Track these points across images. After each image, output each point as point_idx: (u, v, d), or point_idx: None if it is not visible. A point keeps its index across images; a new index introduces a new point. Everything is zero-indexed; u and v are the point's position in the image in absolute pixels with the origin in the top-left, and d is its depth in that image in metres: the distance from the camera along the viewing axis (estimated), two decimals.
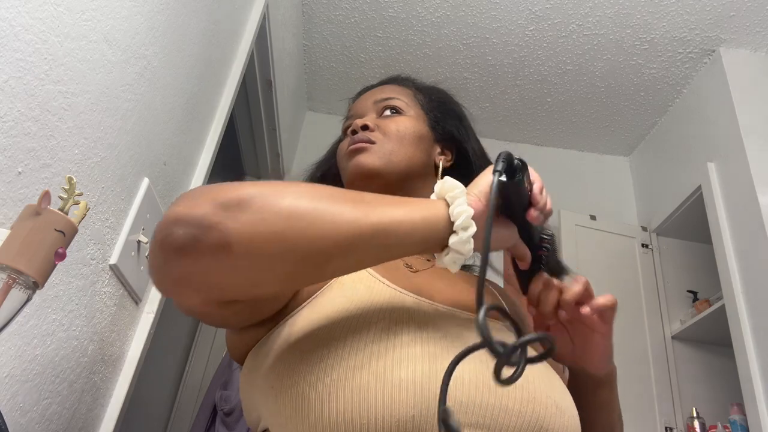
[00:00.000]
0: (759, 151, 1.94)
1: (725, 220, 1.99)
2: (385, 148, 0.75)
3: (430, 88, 0.90)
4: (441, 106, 0.87)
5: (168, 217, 0.47)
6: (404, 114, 0.81)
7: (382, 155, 0.74)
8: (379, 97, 0.83)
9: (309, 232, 0.46)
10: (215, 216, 0.45)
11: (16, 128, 0.62)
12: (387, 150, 0.75)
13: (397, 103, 0.82)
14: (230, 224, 0.45)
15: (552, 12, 2.14)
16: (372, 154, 0.74)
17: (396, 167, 0.74)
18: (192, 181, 1.26)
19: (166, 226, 0.46)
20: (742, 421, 1.87)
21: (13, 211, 0.63)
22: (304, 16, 2.33)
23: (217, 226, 0.45)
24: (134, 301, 1.01)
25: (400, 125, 0.78)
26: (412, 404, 0.48)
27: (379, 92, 0.85)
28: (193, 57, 1.16)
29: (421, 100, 0.85)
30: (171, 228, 0.45)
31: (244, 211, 0.45)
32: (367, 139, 0.76)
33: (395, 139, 0.76)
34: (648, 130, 2.69)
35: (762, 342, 1.72)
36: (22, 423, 0.71)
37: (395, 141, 0.76)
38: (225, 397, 1.63)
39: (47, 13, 0.66)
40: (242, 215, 0.45)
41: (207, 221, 0.45)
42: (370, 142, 0.76)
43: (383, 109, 0.81)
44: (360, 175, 0.74)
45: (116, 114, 0.85)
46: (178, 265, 0.46)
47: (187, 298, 0.51)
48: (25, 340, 0.69)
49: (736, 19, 2.06)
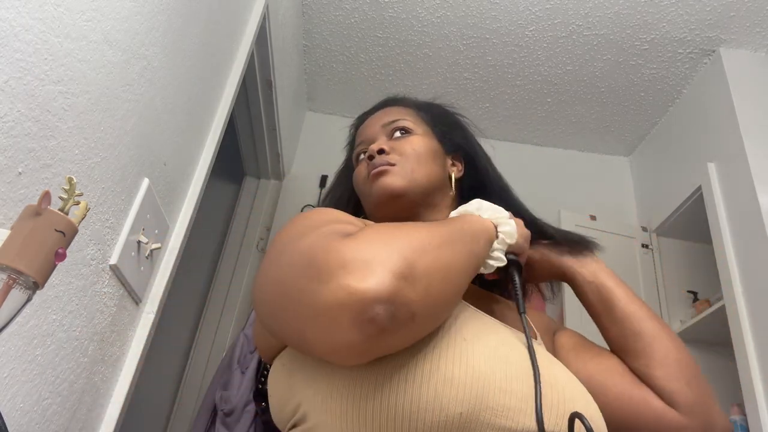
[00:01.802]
0: (759, 151, 1.94)
1: (725, 220, 1.99)
2: (406, 168, 0.78)
3: (429, 104, 0.93)
4: (444, 119, 0.91)
5: (358, 293, 0.47)
6: (414, 133, 0.84)
7: (404, 175, 0.78)
8: (386, 121, 0.86)
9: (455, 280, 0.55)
10: (401, 290, 0.48)
11: (16, 128, 0.62)
12: (408, 169, 0.78)
13: (404, 123, 0.85)
14: (413, 296, 0.49)
15: (552, 12, 2.14)
16: (395, 175, 0.78)
17: (419, 185, 0.78)
18: (192, 181, 1.26)
19: (363, 306, 0.46)
20: (742, 422, 1.87)
21: (13, 212, 0.63)
22: (304, 16, 2.33)
23: (406, 303, 0.48)
24: (134, 301, 1.01)
25: (414, 144, 0.81)
26: (461, 401, 0.51)
27: (384, 116, 0.88)
28: (194, 57, 1.16)
29: (424, 116, 0.88)
30: (371, 308, 0.46)
31: (417, 279, 0.49)
32: (386, 162, 0.79)
33: (413, 159, 0.80)
34: (648, 130, 2.69)
35: (762, 342, 1.72)
36: (22, 423, 0.71)
37: (413, 160, 0.80)
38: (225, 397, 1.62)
39: (47, 13, 0.66)
40: (417, 284, 0.49)
41: (399, 298, 0.48)
42: (390, 164, 0.79)
43: (393, 131, 0.85)
44: (387, 197, 0.78)
45: (116, 114, 0.85)
46: (379, 343, 0.49)
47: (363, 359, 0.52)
48: (25, 341, 0.69)
49: (736, 19, 2.06)
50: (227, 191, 2.54)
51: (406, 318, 0.48)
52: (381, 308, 0.46)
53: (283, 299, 0.52)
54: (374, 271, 0.48)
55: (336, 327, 0.47)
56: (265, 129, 2.22)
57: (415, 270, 0.49)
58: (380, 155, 0.80)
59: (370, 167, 0.80)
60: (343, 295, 0.46)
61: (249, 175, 2.58)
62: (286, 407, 0.60)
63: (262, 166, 2.49)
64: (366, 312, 0.46)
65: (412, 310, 0.49)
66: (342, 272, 0.48)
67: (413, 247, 0.52)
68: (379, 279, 0.47)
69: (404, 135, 0.84)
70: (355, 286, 0.47)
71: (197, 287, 2.28)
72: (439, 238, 0.56)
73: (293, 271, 0.52)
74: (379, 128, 0.86)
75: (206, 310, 2.26)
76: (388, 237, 0.52)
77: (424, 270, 0.50)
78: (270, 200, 2.55)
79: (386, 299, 0.47)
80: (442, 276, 0.53)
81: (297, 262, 0.52)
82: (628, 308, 0.74)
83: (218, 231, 2.44)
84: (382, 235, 0.52)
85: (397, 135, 0.84)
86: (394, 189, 0.76)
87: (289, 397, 0.60)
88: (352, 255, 0.49)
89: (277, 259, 0.57)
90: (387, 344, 0.50)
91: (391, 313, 0.47)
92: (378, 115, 0.89)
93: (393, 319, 0.47)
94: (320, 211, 0.66)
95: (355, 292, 0.46)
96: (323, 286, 0.48)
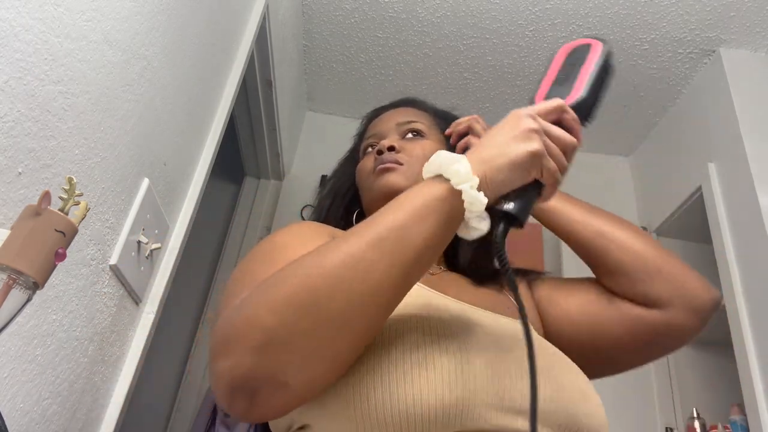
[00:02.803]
0: (759, 151, 1.94)
1: (725, 221, 1.99)
2: (412, 170, 0.78)
3: (446, 113, 0.94)
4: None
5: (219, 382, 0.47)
6: (426, 138, 0.84)
7: (409, 176, 0.78)
8: (401, 120, 0.86)
9: (368, 302, 0.47)
10: (258, 365, 0.45)
11: (16, 129, 0.62)
12: (414, 172, 0.78)
13: (419, 126, 0.85)
14: (276, 365, 0.45)
15: (552, 12, 2.14)
16: (400, 174, 0.78)
17: None
18: (192, 181, 1.26)
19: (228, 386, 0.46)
20: (742, 422, 1.87)
21: (14, 212, 0.63)
22: (305, 16, 2.33)
23: (269, 374, 0.45)
24: (134, 301, 1.01)
25: (425, 149, 0.81)
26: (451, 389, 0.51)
27: (400, 115, 0.88)
28: (194, 57, 1.16)
29: (440, 124, 0.88)
30: (233, 387, 0.46)
31: (281, 343, 0.45)
32: (394, 160, 0.79)
33: (421, 163, 0.77)
34: (648, 130, 2.69)
35: (762, 342, 1.72)
36: (22, 423, 0.71)
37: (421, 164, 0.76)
38: None
39: (47, 13, 0.66)
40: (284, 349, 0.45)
41: (258, 373, 0.45)
42: (398, 163, 0.79)
43: (406, 132, 0.85)
44: (388, 194, 0.75)
45: (116, 114, 0.85)
46: (258, 411, 0.47)
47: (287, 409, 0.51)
48: (25, 341, 0.69)
49: (736, 20, 2.06)
50: (227, 191, 2.54)
51: (276, 386, 0.46)
52: (242, 388, 0.46)
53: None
54: (231, 352, 0.46)
55: (228, 404, 0.47)
56: (265, 129, 2.22)
57: (278, 335, 0.45)
58: (389, 152, 0.80)
59: (377, 162, 0.80)
60: (214, 377, 0.47)
61: (249, 175, 2.58)
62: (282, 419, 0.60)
63: (262, 166, 2.49)
64: (232, 390, 0.46)
65: (281, 379, 0.45)
66: (213, 353, 0.48)
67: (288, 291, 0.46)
68: (234, 361, 0.45)
69: (416, 137, 0.84)
70: (218, 367, 0.47)
71: (197, 287, 2.28)
72: (345, 252, 0.47)
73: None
74: (393, 126, 0.86)
75: (206, 310, 2.25)
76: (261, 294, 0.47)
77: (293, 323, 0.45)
78: (270, 200, 2.55)
79: (243, 378, 0.45)
80: (335, 315, 0.45)
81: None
82: (576, 227, 0.75)
83: (218, 231, 2.44)
84: (257, 294, 0.48)
85: (409, 136, 0.84)
86: (397, 187, 0.76)
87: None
88: (219, 331, 0.48)
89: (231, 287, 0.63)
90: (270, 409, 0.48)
91: (252, 389, 0.45)
92: (394, 112, 0.90)
93: (258, 393, 0.46)
94: (274, 236, 0.67)
95: (219, 373, 0.47)
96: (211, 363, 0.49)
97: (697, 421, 1.99)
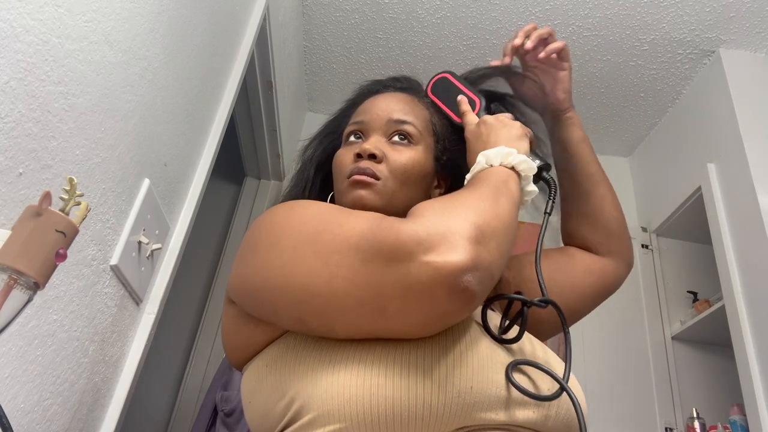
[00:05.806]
0: (759, 151, 1.94)
1: (725, 221, 1.99)
2: (388, 188, 0.74)
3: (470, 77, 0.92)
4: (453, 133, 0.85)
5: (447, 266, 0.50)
6: (414, 145, 0.78)
7: (384, 194, 0.74)
8: (395, 117, 0.79)
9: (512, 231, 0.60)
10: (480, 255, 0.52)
11: (17, 129, 0.63)
12: (389, 190, 0.74)
13: (411, 130, 0.79)
14: (490, 258, 0.53)
15: (552, 13, 2.15)
16: (375, 192, 0.73)
17: (394, 207, 0.73)
18: (193, 181, 1.26)
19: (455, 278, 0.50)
20: (742, 422, 1.87)
21: (14, 212, 0.63)
22: (305, 17, 2.33)
23: (487, 265, 0.53)
24: (135, 301, 1.02)
25: (408, 161, 0.76)
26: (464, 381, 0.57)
27: (397, 106, 0.81)
28: (194, 58, 1.16)
29: (435, 125, 0.83)
30: (462, 278, 0.50)
31: (488, 240, 0.54)
32: (372, 174, 0.74)
33: (399, 178, 0.75)
34: (648, 131, 2.69)
35: (762, 342, 1.72)
36: (23, 423, 0.71)
37: (399, 180, 0.75)
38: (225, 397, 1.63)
39: (48, 14, 0.66)
40: (490, 245, 0.54)
41: (481, 263, 0.52)
42: (375, 177, 0.74)
43: (395, 133, 0.79)
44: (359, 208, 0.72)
45: (117, 115, 0.85)
46: (471, 308, 0.53)
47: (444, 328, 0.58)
48: (26, 341, 0.70)
49: (736, 20, 2.06)
50: (228, 192, 2.54)
51: (489, 279, 0.53)
52: (470, 276, 0.50)
53: (329, 286, 0.54)
54: (454, 243, 0.51)
55: (432, 301, 0.51)
56: (266, 129, 2.22)
57: (485, 233, 0.54)
58: (369, 159, 0.75)
59: (354, 167, 0.75)
60: (432, 271, 0.50)
61: (249, 175, 2.59)
62: (276, 407, 0.59)
63: (263, 166, 2.49)
64: (459, 283, 0.50)
65: (492, 271, 0.53)
66: (421, 249, 0.51)
67: (475, 211, 0.56)
68: (461, 249, 0.51)
69: (403, 143, 0.78)
70: (441, 260, 0.50)
71: (198, 288, 2.29)
72: (487, 198, 0.60)
73: (346, 258, 0.54)
74: (385, 120, 0.79)
75: (207, 311, 2.26)
76: (449, 208, 0.56)
77: (491, 231, 0.55)
78: (270, 201, 2.55)
79: (472, 267, 0.50)
80: (504, 231, 0.57)
81: (351, 248, 0.54)
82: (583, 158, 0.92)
83: (218, 231, 2.44)
84: (443, 209, 0.56)
85: (396, 139, 0.78)
86: (369, 206, 0.72)
87: (280, 395, 0.59)
88: (426, 231, 0.52)
89: (302, 249, 0.57)
90: (473, 308, 0.54)
91: (478, 278, 0.51)
92: (391, 99, 0.83)
93: (481, 283, 0.52)
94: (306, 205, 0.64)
95: (443, 266, 0.50)
96: (404, 265, 0.51)
97: (697, 421, 2.00)
